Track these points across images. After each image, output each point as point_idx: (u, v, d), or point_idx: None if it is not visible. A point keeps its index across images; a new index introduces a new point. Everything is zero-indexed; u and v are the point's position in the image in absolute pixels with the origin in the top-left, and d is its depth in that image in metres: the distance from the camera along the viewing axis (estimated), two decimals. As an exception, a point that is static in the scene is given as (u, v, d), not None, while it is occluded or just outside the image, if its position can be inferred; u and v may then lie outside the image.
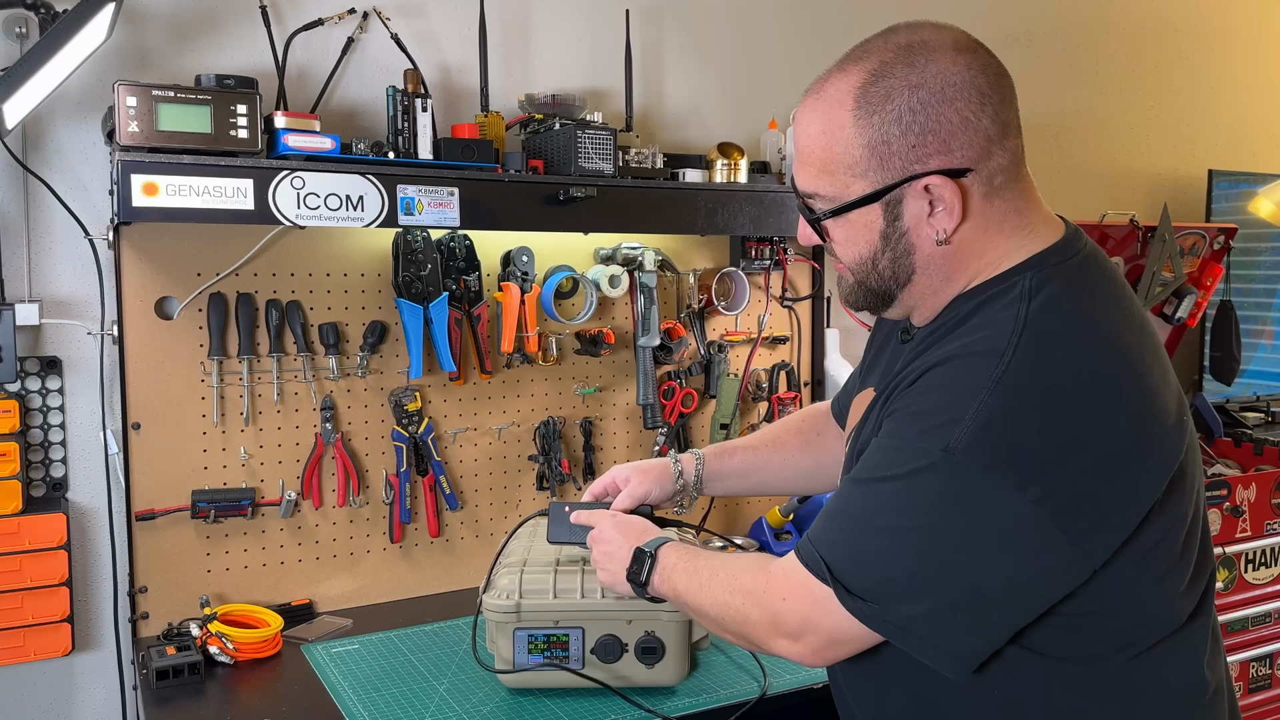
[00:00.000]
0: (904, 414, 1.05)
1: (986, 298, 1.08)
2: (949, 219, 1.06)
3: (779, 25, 2.54)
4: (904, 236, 1.08)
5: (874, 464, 1.06)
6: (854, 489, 1.08)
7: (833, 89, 1.08)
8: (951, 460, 0.97)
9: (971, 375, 1.00)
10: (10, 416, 1.77)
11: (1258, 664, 2.66)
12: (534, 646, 1.58)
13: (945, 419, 0.99)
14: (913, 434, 1.02)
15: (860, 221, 1.09)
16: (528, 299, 2.11)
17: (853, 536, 1.06)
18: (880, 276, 1.12)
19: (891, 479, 1.03)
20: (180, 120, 1.65)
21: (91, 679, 1.93)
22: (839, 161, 1.07)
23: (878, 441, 1.08)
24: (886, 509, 1.03)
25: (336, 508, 2.06)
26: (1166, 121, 3.30)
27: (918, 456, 1.00)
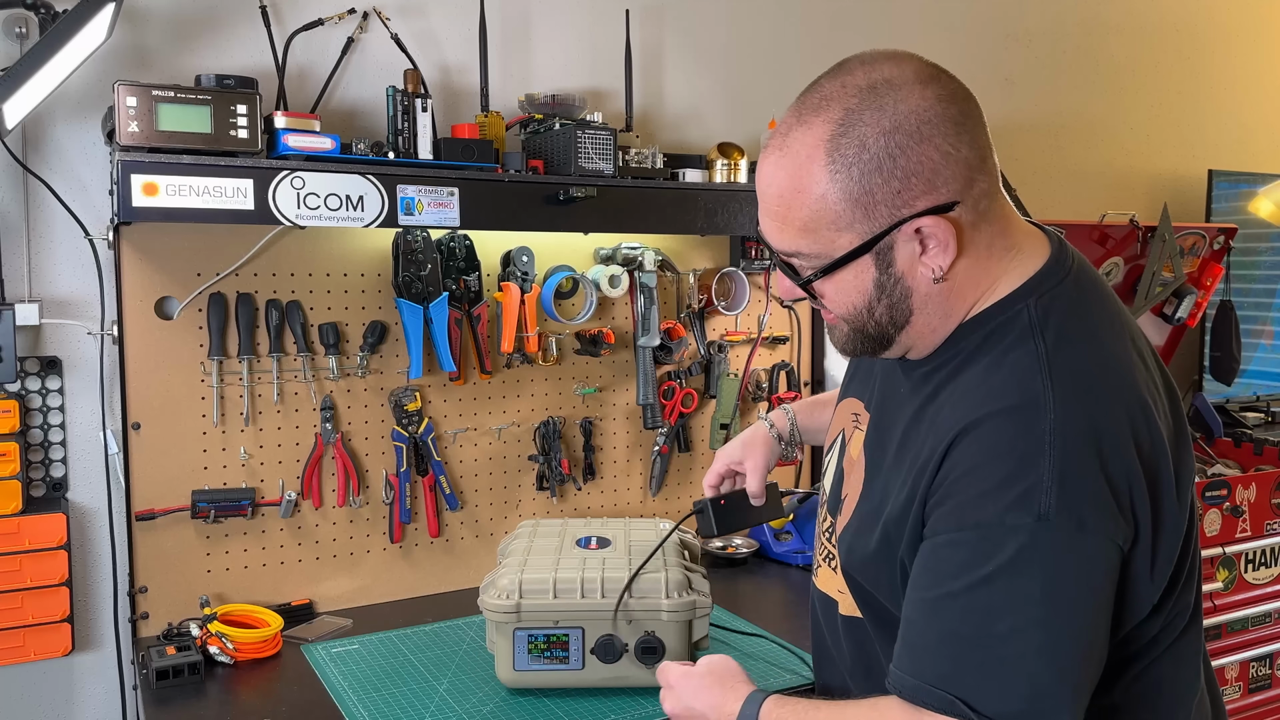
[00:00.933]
0: (969, 502, 0.96)
1: (992, 329, 1.04)
2: (944, 255, 1.01)
3: (779, 25, 2.54)
4: (899, 281, 1.03)
5: (958, 566, 0.96)
6: (946, 605, 0.97)
7: (798, 145, 1.01)
8: (1049, 527, 0.93)
9: (1027, 434, 0.95)
10: (10, 416, 1.77)
11: (1258, 664, 2.66)
12: (534, 646, 1.58)
13: (1022, 488, 0.93)
14: (994, 516, 0.94)
15: (852, 275, 1.04)
16: (528, 299, 2.12)
17: (981, 655, 0.95)
18: (878, 323, 1.07)
19: (994, 575, 0.94)
20: (180, 120, 1.65)
21: (91, 679, 1.93)
22: (820, 219, 1.01)
23: (947, 539, 0.98)
24: (1004, 609, 0.94)
25: (336, 508, 2.06)
26: (1166, 121, 3.30)
27: (1014, 534, 0.93)
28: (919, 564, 1.01)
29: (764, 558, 2.36)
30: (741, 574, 2.28)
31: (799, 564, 2.28)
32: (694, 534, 1.92)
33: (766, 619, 1.93)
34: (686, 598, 1.59)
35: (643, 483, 2.38)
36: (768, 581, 2.23)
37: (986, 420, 0.98)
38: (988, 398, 0.99)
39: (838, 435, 1.29)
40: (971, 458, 0.97)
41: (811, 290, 1.07)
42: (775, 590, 2.18)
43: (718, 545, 2.36)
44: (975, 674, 0.94)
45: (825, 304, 1.09)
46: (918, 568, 1.02)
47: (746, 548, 2.35)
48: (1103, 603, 0.96)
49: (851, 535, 1.15)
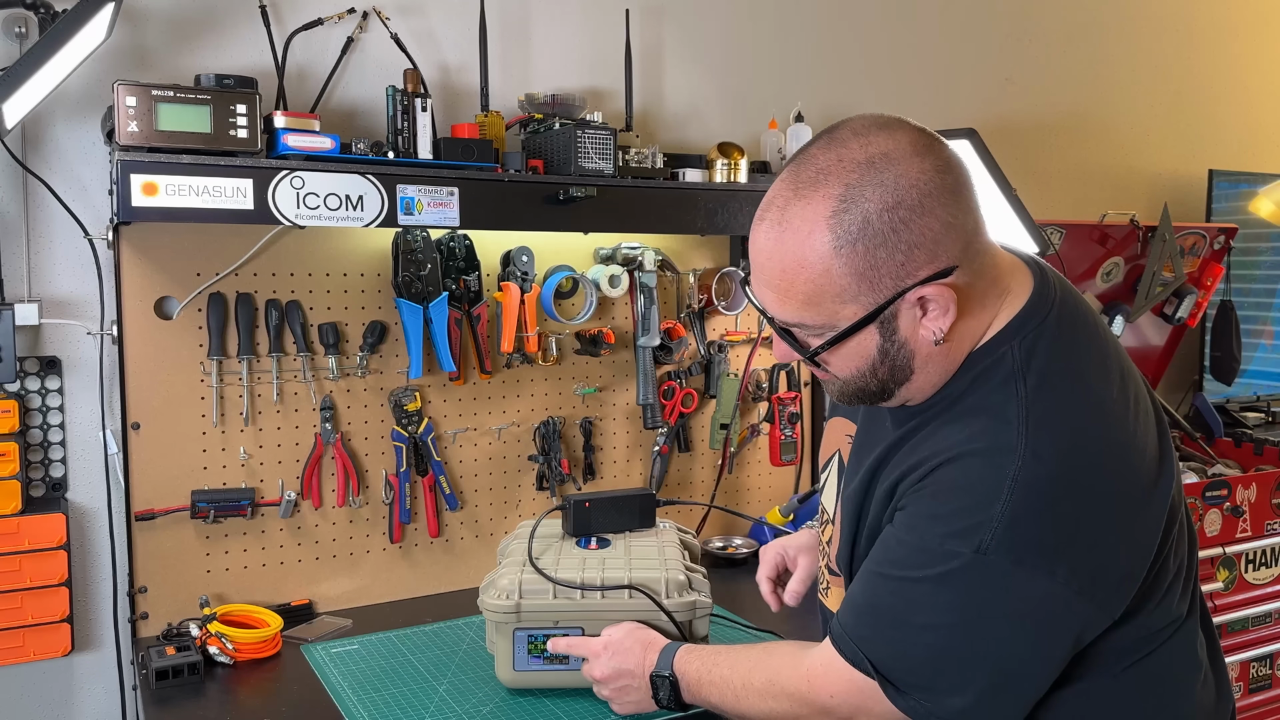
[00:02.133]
0: (922, 516, 1.05)
1: (978, 373, 1.07)
2: (945, 319, 1.03)
3: (779, 25, 2.54)
4: (903, 346, 1.06)
5: (898, 560, 1.07)
6: (881, 583, 1.09)
7: (798, 220, 1.02)
8: (984, 559, 0.99)
9: (990, 474, 1.00)
10: (10, 416, 1.77)
11: (1258, 664, 2.66)
12: (534, 646, 1.58)
13: (970, 522, 1.00)
14: (937, 537, 1.02)
15: (856, 343, 1.06)
16: (528, 299, 2.11)
17: (893, 633, 1.07)
18: (880, 381, 1.10)
19: (922, 580, 1.04)
20: (180, 120, 1.65)
21: (91, 679, 1.93)
22: (825, 292, 1.02)
23: (896, 536, 1.08)
24: (924, 608, 1.04)
25: (336, 508, 2.06)
26: (1166, 121, 3.30)
27: (947, 559, 1.01)
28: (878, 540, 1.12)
29: (764, 558, 2.36)
30: (741, 574, 2.27)
31: (799, 564, 2.28)
32: (694, 534, 1.92)
33: (767, 619, 1.92)
34: (686, 598, 1.59)
35: (643, 483, 2.38)
36: (768, 581, 2.22)
37: (961, 456, 1.03)
38: (968, 438, 1.04)
39: (833, 454, 1.32)
40: (938, 482, 1.05)
41: (816, 360, 1.10)
42: (775, 590, 2.17)
43: (718, 545, 2.36)
44: (887, 645, 1.07)
45: (828, 369, 1.11)
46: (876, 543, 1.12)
47: (746, 548, 2.35)
48: (1026, 637, 1.02)
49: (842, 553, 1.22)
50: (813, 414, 2.57)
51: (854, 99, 2.59)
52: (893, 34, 2.68)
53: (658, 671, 1.36)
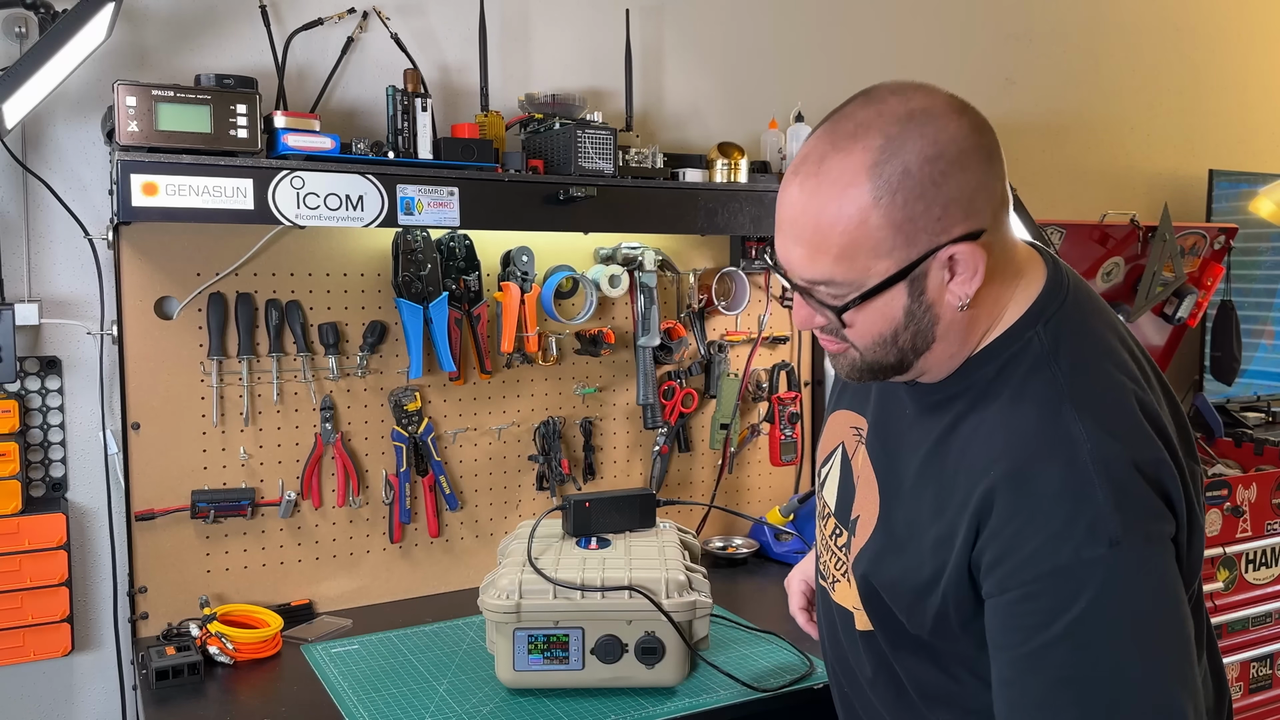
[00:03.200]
0: (1036, 550, 0.96)
1: (1005, 361, 1.05)
2: (971, 283, 1.01)
3: (779, 25, 2.54)
4: (929, 309, 1.03)
5: (1045, 615, 0.95)
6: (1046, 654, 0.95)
7: (836, 170, 0.99)
8: (1121, 551, 0.94)
9: (1072, 470, 0.96)
10: (10, 416, 1.77)
11: (1258, 664, 2.65)
12: (534, 646, 1.58)
13: (1086, 521, 0.94)
14: (1069, 557, 0.94)
15: (883, 303, 1.03)
16: (528, 299, 2.11)
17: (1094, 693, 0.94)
18: (900, 350, 1.06)
19: (1087, 612, 0.94)
20: (180, 120, 1.65)
21: (91, 679, 1.93)
22: (860, 246, 0.99)
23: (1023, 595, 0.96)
24: (1104, 643, 0.94)
25: (336, 508, 2.06)
26: (1166, 121, 3.30)
27: (1091, 570, 0.94)
28: (997, 623, 1.00)
29: (764, 558, 2.36)
30: (741, 574, 2.27)
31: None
32: (694, 534, 1.92)
33: (767, 619, 1.92)
34: (687, 598, 1.59)
35: (643, 483, 2.38)
36: (768, 581, 2.23)
37: (1027, 467, 0.98)
38: (1021, 440, 1.00)
39: (836, 446, 1.29)
40: (1024, 509, 0.97)
41: (842, 319, 1.05)
42: (775, 590, 2.17)
43: (718, 545, 2.36)
44: (1099, 714, 0.94)
45: (847, 334, 1.07)
46: (996, 626, 1.00)
47: (746, 548, 2.35)
48: (1183, 604, 0.98)
49: (871, 558, 1.14)
50: (813, 414, 2.57)
51: (854, 99, 2.58)
52: (893, 34, 2.68)
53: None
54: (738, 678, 1.63)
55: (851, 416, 1.26)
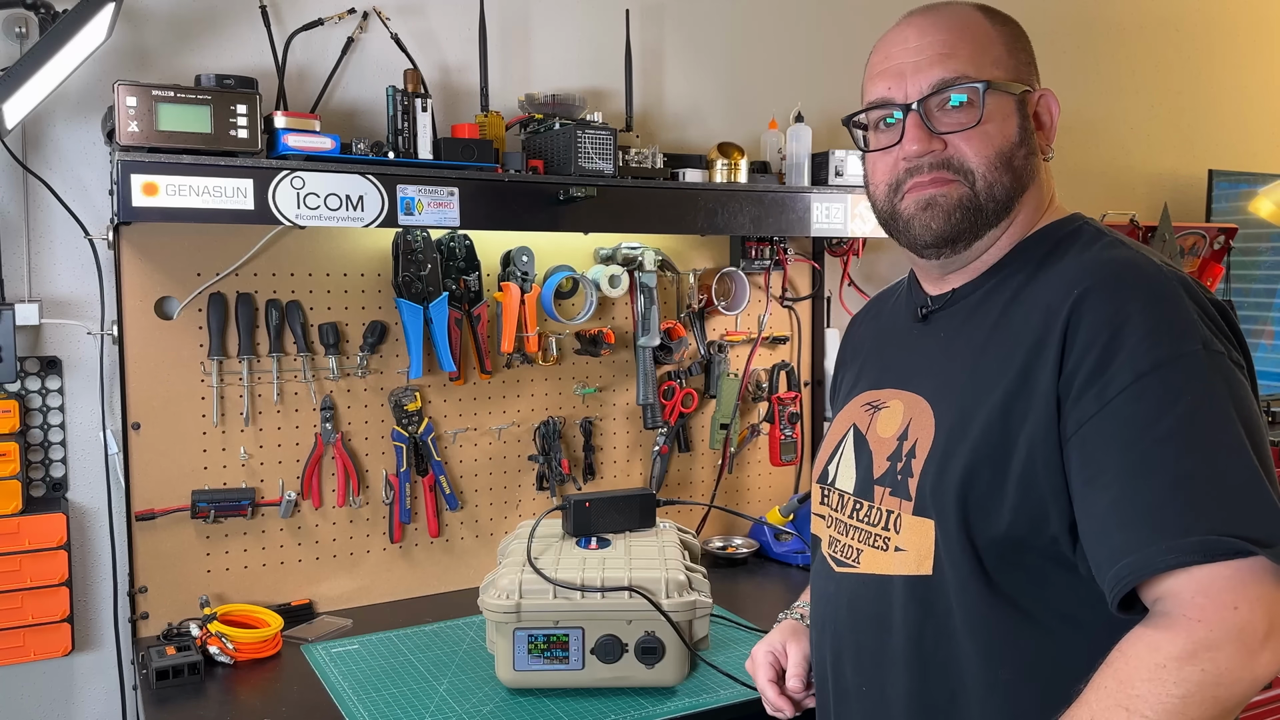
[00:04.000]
0: (1134, 350, 0.96)
1: (1060, 239, 1.13)
2: (1052, 134, 1.16)
3: (779, 25, 2.54)
4: (1031, 137, 1.14)
5: (1154, 412, 0.94)
6: (1159, 452, 0.93)
7: (955, 9, 1.15)
8: (1212, 354, 0.96)
9: (1152, 281, 1.00)
10: (10, 416, 1.77)
11: (1258, 664, 2.65)
12: (534, 646, 1.58)
13: (1178, 324, 0.97)
14: (1169, 353, 0.95)
15: (1002, 111, 1.12)
16: (528, 299, 2.11)
17: (1213, 489, 0.91)
18: (1015, 174, 1.12)
19: (1190, 407, 0.93)
20: (180, 120, 1.65)
21: (91, 679, 1.93)
22: (987, 52, 1.12)
23: (1128, 398, 0.95)
24: (1215, 437, 0.93)
25: (336, 508, 2.06)
26: (1166, 121, 3.30)
27: (1191, 363, 0.94)
28: (1099, 440, 0.96)
29: (764, 558, 2.36)
30: (741, 574, 2.28)
31: (799, 564, 2.28)
32: (694, 534, 1.92)
33: (767, 619, 1.92)
34: (686, 598, 1.59)
35: (643, 483, 2.38)
36: (768, 581, 2.23)
37: (1115, 278, 1.01)
38: (1100, 265, 1.04)
39: (847, 430, 1.24)
40: (1117, 313, 0.98)
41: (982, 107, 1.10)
42: (775, 590, 2.18)
43: (718, 545, 2.36)
44: (1226, 509, 0.90)
45: (968, 149, 1.11)
46: (1099, 442, 0.96)
47: (746, 548, 2.35)
48: (1265, 426, 0.99)
49: (938, 465, 1.08)
50: (813, 414, 2.57)
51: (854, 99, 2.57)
52: (893, 34, 2.68)
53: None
54: (738, 678, 1.63)
55: (860, 400, 1.24)
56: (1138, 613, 0.95)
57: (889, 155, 1.15)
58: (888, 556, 1.13)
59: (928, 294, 1.21)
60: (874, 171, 1.19)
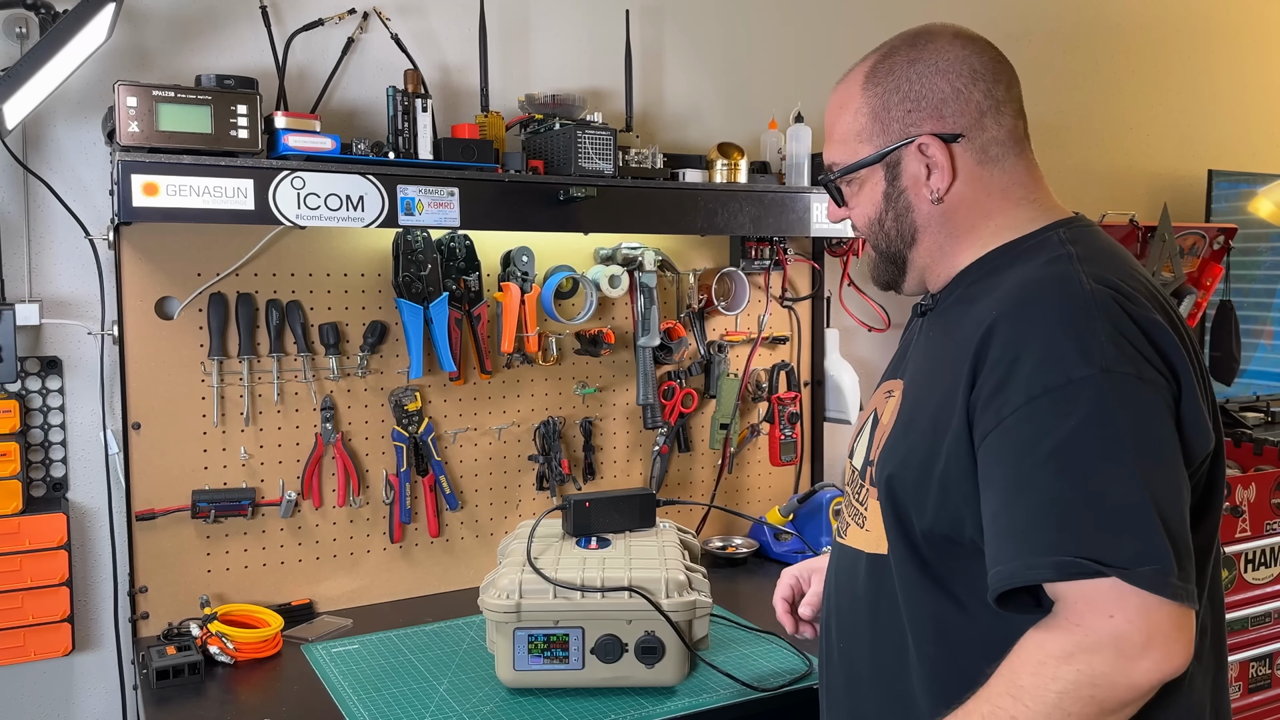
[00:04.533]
0: (1029, 373, 1.00)
1: (1023, 250, 1.15)
2: (941, 179, 1.16)
3: (779, 26, 2.54)
4: (902, 195, 1.19)
5: (1035, 435, 0.98)
6: (1036, 474, 0.97)
7: (852, 74, 1.25)
8: (1113, 377, 0.97)
9: (1069, 301, 1.02)
10: (10, 416, 1.77)
11: (1258, 664, 2.66)
12: (534, 646, 1.58)
13: (1080, 346, 0.99)
14: (1060, 377, 0.98)
15: (868, 183, 1.22)
16: (528, 299, 2.12)
17: (1083, 513, 0.95)
18: (887, 237, 1.22)
19: (1077, 429, 0.96)
20: (180, 120, 1.65)
21: (91, 679, 1.93)
22: (850, 131, 1.22)
23: (1016, 420, 0.99)
24: (1094, 460, 0.96)
25: (336, 508, 2.06)
26: (1166, 121, 3.30)
27: (1082, 389, 0.97)
28: (990, 455, 1.02)
29: (764, 558, 2.36)
30: (741, 574, 2.28)
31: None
32: (694, 534, 1.92)
33: (767, 619, 1.92)
34: (686, 598, 1.59)
35: (643, 483, 2.38)
36: (768, 581, 2.21)
37: (1026, 301, 1.05)
38: (1023, 285, 1.08)
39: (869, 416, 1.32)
40: (1019, 338, 1.02)
41: (839, 195, 1.25)
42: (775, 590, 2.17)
43: (718, 545, 2.36)
44: (1086, 531, 0.95)
45: (850, 215, 1.26)
46: (990, 458, 1.02)
47: (746, 548, 2.35)
48: (1175, 454, 0.99)
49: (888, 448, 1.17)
50: (812, 414, 2.58)
51: (854, 99, 2.59)
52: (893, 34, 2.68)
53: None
54: (737, 678, 1.64)
55: (883, 387, 1.32)
56: (1023, 608, 1.01)
57: None
58: (861, 533, 1.23)
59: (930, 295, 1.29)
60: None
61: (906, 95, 1.18)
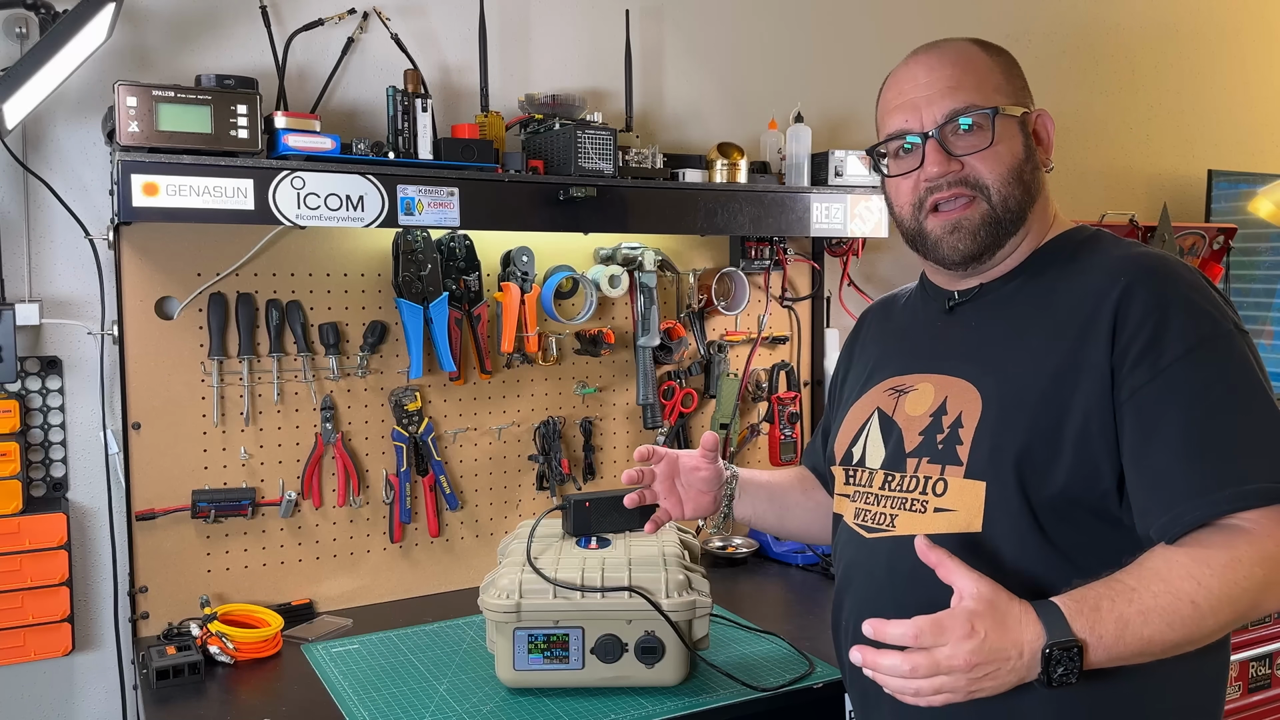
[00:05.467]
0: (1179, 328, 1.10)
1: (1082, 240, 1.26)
2: (1049, 152, 1.27)
3: (779, 25, 2.54)
4: (1033, 154, 1.25)
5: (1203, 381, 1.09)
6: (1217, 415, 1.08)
7: (954, 45, 1.26)
8: (1242, 333, 1.13)
9: (1188, 275, 1.15)
10: (10, 416, 1.77)
11: (1258, 664, 2.66)
12: (534, 646, 1.58)
13: (1212, 307, 1.13)
14: (1208, 329, 1.11)
15: (1008, 131, 1.23)
16: (528, 299, 2.12)
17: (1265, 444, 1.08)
18: (1025, 188, 1.23)
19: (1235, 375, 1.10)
20: (180, 120, 1.65)
21: (91, 679, 1.93)
22: (987, 83, 1.23)
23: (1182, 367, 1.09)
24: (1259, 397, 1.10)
25: (336, 508, 2.06)
26: (1166, 121, 3.30)
27: (1230, 341, 1.11)
28: (1153, 402, 1.09)
29: (764, 557, 2.36)
30: (741, 574, 2.28)
31: (799, 564, 2.29)
32: (693, 534, 1.92)
33: (767, 619, 1.93)
34: (686, 598, 1.59)
35: (643, 483, 2.38)
36: (768, 581, 2.23)
37: (1159, 269, 1.14)
38: (1136, 259, 1.17)
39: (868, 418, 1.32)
40: (1160, 300, 1.12)
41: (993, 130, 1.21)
42: (775, 590, 2.18)
43: (718, 545, 2.36)
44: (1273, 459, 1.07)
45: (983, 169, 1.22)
46: (1154, 404, 1.09)
47: (746, 548, 2.35)
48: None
49: (992, 432, 1.18)
50: (812, 414, 2.57)
51: (854, 99, 2.59)
52: (892, 35, 2.68)
53: (1056, 641, 1.01)
54: (737, 677, 1.64)
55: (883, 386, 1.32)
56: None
57: (909, 179, 1.26)
58: (926, 518, 1.21)
59: (952, 290, 1.30)
60: (897, 194, 1.29)
61: (1017, 73, 1.26)
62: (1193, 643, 1.05)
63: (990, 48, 1.27)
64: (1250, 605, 1.04)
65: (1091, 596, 1.04)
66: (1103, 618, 1.02)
